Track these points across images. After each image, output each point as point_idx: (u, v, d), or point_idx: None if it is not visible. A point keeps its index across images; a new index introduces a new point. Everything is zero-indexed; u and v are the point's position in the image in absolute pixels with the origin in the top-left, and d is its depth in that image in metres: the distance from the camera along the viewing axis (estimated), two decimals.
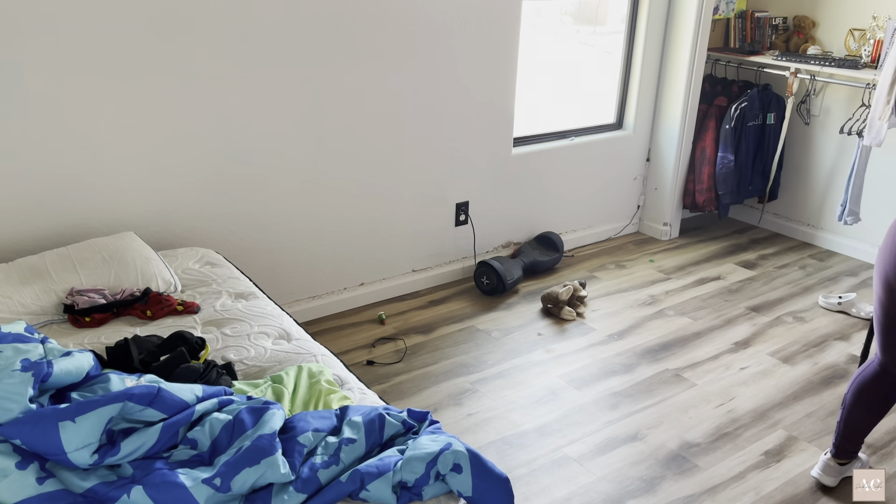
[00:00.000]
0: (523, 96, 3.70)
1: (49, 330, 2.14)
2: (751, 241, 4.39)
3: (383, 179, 3.31)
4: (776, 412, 2.75)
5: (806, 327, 3.39)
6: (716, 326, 3.38)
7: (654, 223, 4.41)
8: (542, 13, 3.73)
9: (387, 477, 1.48)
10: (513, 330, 3.28)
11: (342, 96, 3.04)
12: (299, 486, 1.47)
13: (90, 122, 2.51)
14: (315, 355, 2.06)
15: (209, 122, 2.76)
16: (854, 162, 3.75)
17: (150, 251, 2.45)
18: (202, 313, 2.27)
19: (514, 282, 3.59)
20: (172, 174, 2.75)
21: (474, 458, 1.54)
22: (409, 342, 3.16)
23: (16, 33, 2.30)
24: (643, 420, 2.69)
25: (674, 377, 2.96)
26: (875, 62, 3.80)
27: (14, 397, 1.46)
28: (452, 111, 3.40)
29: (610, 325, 3.36)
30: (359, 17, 2.96)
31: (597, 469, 2.42)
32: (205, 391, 1.64)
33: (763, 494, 2.33)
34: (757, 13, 4.25)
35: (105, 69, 2.48)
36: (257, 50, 2.76)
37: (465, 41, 3.31)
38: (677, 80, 4.06)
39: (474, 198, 3.66)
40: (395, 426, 1.66)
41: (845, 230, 4.21)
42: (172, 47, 2.58)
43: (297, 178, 3.05)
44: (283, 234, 3.10)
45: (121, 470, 1.47)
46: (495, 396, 2.80)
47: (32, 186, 2.48)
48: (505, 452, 2.49)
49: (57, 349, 1.65)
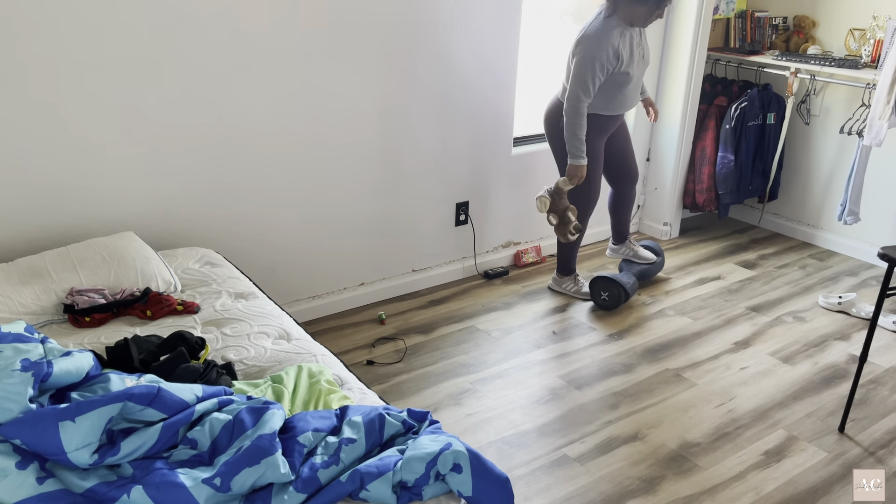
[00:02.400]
0: (524, 96, 3.70)
1: (49, 330, 2.14)
2: (751, 240, 4.39)
3: (383, 179, 3.31)
4: (776, 412, 2.75)
5: (806, 327, 3.39)
6: (716, 326, 3.38)
7: (654, 223, 4.41)
8: (542, 13, 3.73)
9: (387, 477, 1.48)
10: (513, 330, 3.28)
11: (342, 96, 3.04)
12: (299, 486, 1.47)
13: (90, 122, 2.51)
14: (315, 355, 2.06)
15: (209, 122, 2.76)
16: (854, 162, 3.75)
17: (150, 251, 2.45)
18: (202, 313, 2.27)
19: (633, 287, 3.41)
20: (172, 174, 2.75)
21: (474, 458, 1.53)
22: (409, 342, 3.16)
23: (16, 33, 2.30)
24: (643, 420, 2.69)
25: (674, 377, 2.96)
26: (875, 62, 3.80)
27: (14, 397, 1.46)
28: (452, 111, 3.40)
29: (610, 324, 3.36)
30: (359, 17, 2.96)
31: (597, 469, 2.42)
32: (205, 391, 1.64)
33: (763, 494, 2.33)
34: (757, 13, 4.25)
35: (105, 69, 2.48)
36: (257, 50, 2.76)
37: (465, 41, 3.31)
38: (677, 80, 4.06)
39: (474, 198, 3.66)
40: (395, 426, 1.66)
41: (845, 230, 4.21)
42: (172, 47, 2.58)
43: (297, 178, 3.05)
44: (283, 234, 3.10)
45: (121, 470, 1.47)
46: (495, 396, 2.80)
47: (33, 186, 2.48)
48: (505, 452, 2.49)
49: (57, 349, 1.65)
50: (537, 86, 3.78)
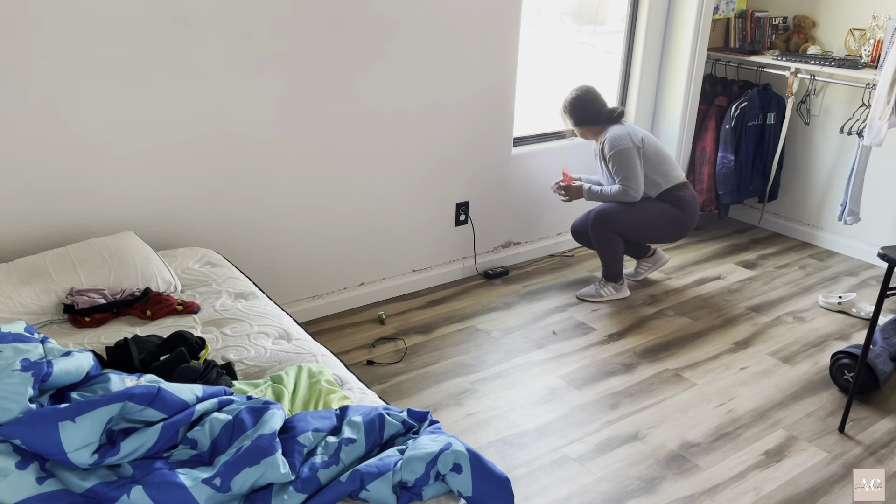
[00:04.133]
0: (524, 96, 3.70)
1: (49, 330, 2.14)
2: (751, 241, 4.39)
3: (383, 179, 3.31)
4: (776, 412, 2.75)
5: (806, 327, 3.39)
6: (716, 326, 3.38)
7: None
8: (542, 13, 3.73)
9: (387, 477, 1.48)
10: (513, 330, 3.28)
11: (342, 96, 3.04)
12: (299, 486, 1.46)
13: (90, 122, 2.51)
14: (315, 355, 2.06)
15: (209, 122, 2.76)
16: (854, 162, 3.75)
17: (150, 251, 2.45)
18: (202, 313, 2.27)
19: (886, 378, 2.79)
20: (172, 174, 2.75)
21: (474, 458, 1.53)
22: (409, 342, 3.16)
23: (16, 33, 2.30)
24: (643, 420, 2.69)
25: (674, 377, 2.96)
26: (875, 62, 3.80)
27: (14, 397, 1.46)
28: (452, 111, 3.40)
29: (610, 324, 3.36)
30: (359, 17, 2.96)
31: (597, 469, 2.42)
32: (205, 391, 1.64)
33: (763, 494, 2.33)
34: (757, 13, 4.25)
35: (105, 69, 2.48)
36: (258, 50, 2.76)
37: (465, 41, 3.31)
38: (677, 79, 4.06)
39: (474, 198, 3.66)
40: (395, 426, 1.66)
41: (845, 230, 4.21)
42: (173, 47, 2.58)
43: (297, 177, 3.05)
44: (283, 234, 3.10)
45: (121, 470, 1.47)
46: (495, 396, 2.80)
47: (32, 186, 2.48)
48: (505, 452, 2.49)
49: (57, 349, 1.65)
50: (537, 86, 3.78)
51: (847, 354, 2.84)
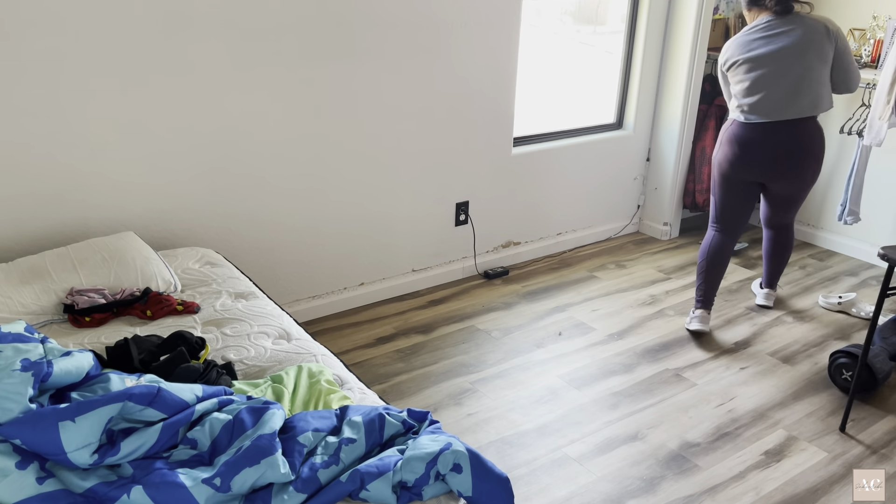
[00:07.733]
0: (523, 96, 3.70)
1: (49, 330, 2.14)
2: (751, 241, 4.39)
3: (383, 179, 3.31)
4: (776, 412, 2.75)
5: (806, 327, 3.39)
6: (716, 326, 3.37)
7: (654, 223, 4.41)
8: (542, 13, 3.73)
9: (387, 477, 1.48)
10: (513, 330, 3.28)
11: (342, 96, 3.04)
12: (299, 486, 1.46)
13: (90, 122, 2.51)
14: (315, 355, 2.06)
15: (209, 122, 2.76)
16: (854, 162, 3.75)
17: (150, 251, 2.45)
18: (202, 313, 2.27)
19: (885, 377, 2.81)
20: (172, 174, 2.75)
21: (474, 457, 1.53)
22: (409, 342, 3.16)
23: (16, 33, 2.30)
24: (643, 420, 2.69)
25: (674, 377, 2.96)
26: (875, 62, 3.80)
27: (14, 397, 1.46)
28: (452, 111, 3.40)
29: (610, 324, 3.36)
30: (359, 17, 2.96)
31: (597, 469, 2.42)
32: (205, 391, 1.64)
33: (763, 494, 2.33)
34: None
35: (105, 69, 2.48)
36: (258, 50, 2.76)
37: (465, 41, 3.31)
38: (677, 79, 4.06)
39: (474, 198, 3.66)
40: (395, 426, 1.66)
41: (845, 230, 4.21)
42: (173, 47, 2.58)
43: (297, 177, 3.05)
44: (283, 234, 3.10)
45: (121, 470, 1.47)
46: (495, 396, 2.80)
47: (32, 186, 2.48)
48: (505, 452, 2.49)
49: (57, 349, 1.65)
50: (537, 86, 3.78)
51: (845, 354, 2.85)
